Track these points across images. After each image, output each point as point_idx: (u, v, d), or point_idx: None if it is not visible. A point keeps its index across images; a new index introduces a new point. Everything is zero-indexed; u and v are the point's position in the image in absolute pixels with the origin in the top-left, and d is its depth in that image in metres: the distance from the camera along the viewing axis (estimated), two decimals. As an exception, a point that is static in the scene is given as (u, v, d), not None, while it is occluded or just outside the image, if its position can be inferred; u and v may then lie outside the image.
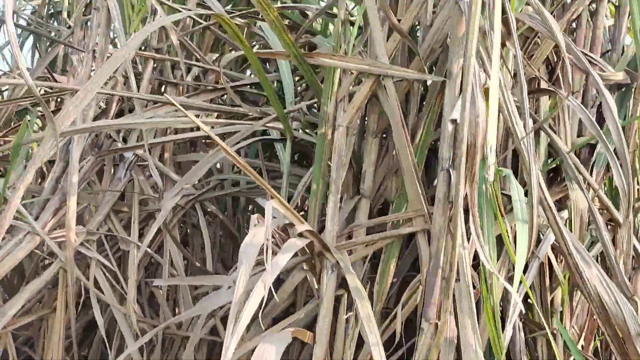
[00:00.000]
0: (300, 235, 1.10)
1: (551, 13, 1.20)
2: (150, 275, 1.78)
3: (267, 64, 1.99)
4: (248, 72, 2.02)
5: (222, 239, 1.88)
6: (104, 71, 0.94)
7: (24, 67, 0.89)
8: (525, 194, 1.05)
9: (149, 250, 1.46)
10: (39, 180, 1.66)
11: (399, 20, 1.22)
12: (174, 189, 1.41)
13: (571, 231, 1.10)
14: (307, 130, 1.47)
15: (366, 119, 1.29)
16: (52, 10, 2.09)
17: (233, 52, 1.71)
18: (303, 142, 1.50)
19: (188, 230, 1.85)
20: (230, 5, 2.00)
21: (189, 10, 1.46)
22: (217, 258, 1.82)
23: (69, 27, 2.00)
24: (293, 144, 1.40)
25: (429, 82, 1.26)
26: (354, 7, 1.91)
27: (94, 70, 1.49)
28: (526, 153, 0.81)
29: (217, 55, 1.98)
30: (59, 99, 1.77)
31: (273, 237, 1.11)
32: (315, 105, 1.60)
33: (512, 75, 1.14)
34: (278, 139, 1.45)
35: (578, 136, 1.21)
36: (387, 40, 1.19)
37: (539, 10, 0.90)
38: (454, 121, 0.82)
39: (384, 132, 1.32)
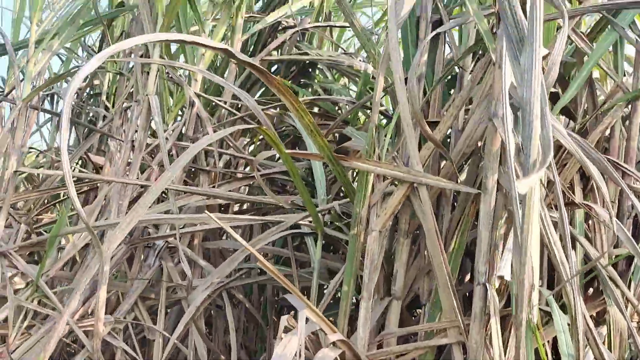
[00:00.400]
0: (332, 343, 1.08)
1: (584, 125, 1.22)
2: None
3: (297, 148, 2.03)
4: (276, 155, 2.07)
5: (247, 322, 1.87)
6: (152, 194, 0.97)
7: (69, 172, 0.91)
8: (561, 307, 1.04)
9: (175, 341, 1.45)
10: (71, 266, 1.68)
11: (431, 123, 1.25)
12: (203, 283, 1.41)
13: (610, 349, 1.07)
14: (337, 224, 1.48)
15: (397, 218, 1.30)
16: (91, 92, 2.18)
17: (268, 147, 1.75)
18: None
19: (212, 312, 1.84)
20: (261, 92, 2.07)
21: (237, 118, 1.52)
22: (241, 344, 1.80)
23: (107, 108, 2.08)
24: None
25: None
26: (387, 88, 1.96)
27: (131, 160, 1.53)
28: (572, 293, 0.81)
29: (247, 140, 2.03)
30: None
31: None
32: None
33: (545, 185, 1.14)
34: (308, 233, 1.46)
35: (615, 246, 1.19)
36: (420, 147, 1.21)
37: (569, 147, 0.91)
38: (500, 277, 0.82)
39: (415, 230, 1.32)
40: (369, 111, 1.95)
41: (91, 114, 2.10)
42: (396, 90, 1.19)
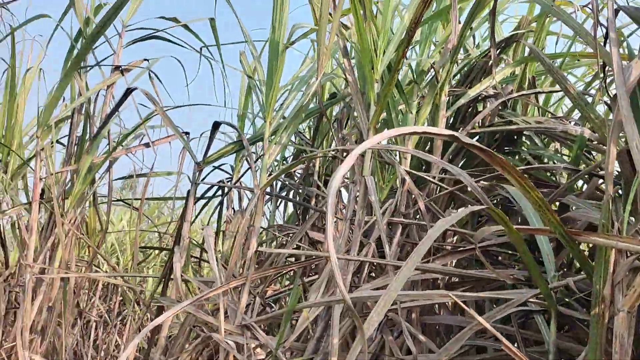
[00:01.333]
0: None
1: None
2: None
3: (508, 217, 1.98)
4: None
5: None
6: (403, 274, 1.03)
7: (338, 271, 1.00)
8: None
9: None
10: (298, 336, 1.81)
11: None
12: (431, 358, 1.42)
13: None
14: (568, 300, 1.40)
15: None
16: (306, 173, 2.40)
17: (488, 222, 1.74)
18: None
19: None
20: (463, 162, 2.07)
21: (447, 192, 1.53)
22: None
23: (318, 187, 2.26)
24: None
25: None
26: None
27: (351, 240, 1.63)
28: None
29: (454, 210, 2.04)
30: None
31: None
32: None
33: None
34: (537, 310, 1.39)
35: None
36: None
37: None
38: None
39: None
40: (586, 176, 1.84)
41: (305, 193, 2.30)
42: (635, 162, 1.11)
